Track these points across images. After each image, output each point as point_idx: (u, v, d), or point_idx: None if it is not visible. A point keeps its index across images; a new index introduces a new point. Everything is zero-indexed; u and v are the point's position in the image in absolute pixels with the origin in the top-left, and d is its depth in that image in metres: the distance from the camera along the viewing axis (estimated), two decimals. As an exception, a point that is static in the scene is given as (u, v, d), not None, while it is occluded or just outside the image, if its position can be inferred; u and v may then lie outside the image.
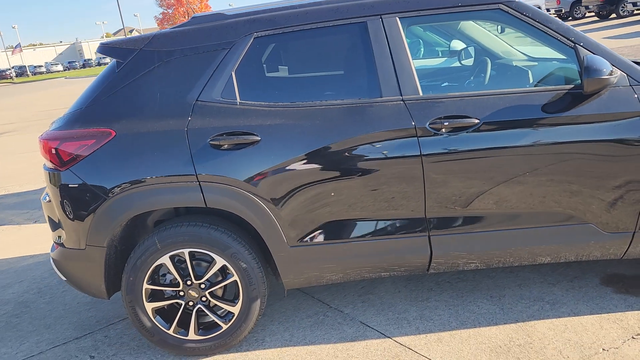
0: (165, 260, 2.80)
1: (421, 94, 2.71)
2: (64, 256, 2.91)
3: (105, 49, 2.96)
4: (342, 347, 2.89)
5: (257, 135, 2.68)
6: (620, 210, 2.74)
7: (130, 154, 2.72)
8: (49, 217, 3.00)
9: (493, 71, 3.15)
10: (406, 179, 2.70)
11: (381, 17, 2.76)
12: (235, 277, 2.83)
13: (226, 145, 2.69)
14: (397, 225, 2.79)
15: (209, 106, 2.74)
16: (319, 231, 2.79)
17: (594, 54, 2.66)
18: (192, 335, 2.91)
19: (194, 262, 2.83)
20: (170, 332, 2.91)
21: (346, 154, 2.69)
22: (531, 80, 2.98)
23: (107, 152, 2.73)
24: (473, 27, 3.45)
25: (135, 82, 2.81)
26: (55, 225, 2.94)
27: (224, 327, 2.89)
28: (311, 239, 2.79)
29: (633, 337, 2.67)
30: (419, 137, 2.66)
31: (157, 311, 2.89)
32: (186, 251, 2.80)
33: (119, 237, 2.84)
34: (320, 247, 2.81)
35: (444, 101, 2.70)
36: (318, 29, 2.79)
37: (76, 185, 2.76)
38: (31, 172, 8.37)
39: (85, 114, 2.82)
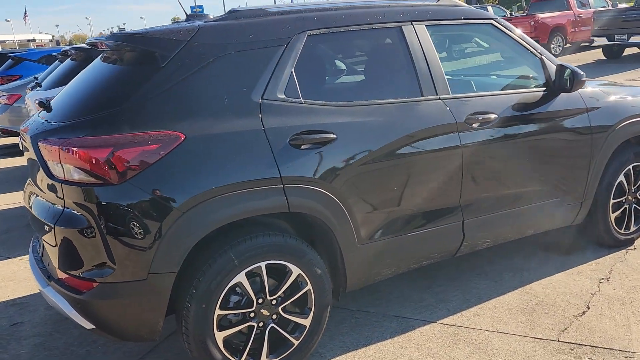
0: (241, 278, 2.47)
1: (451, 93, 3.04)
2: (106, 293, 2.30)
3: (139, 39, 2.49)
4: (401, 339, 2.96)
5: (333, 134, 2.62)
6: (575, 184, 3.50)
7: (205, 159, 2.35)
8: (64, 247, 2.33)
9: (492, 75, 3.66)
10: (450, 170, 2.97)
11: (412, 24, 3.00)
12: (309, 286, 2.66)
13: (306, 145, 2.55)
14: (440, 214, 3.03)
15: (276, 105, 2.56)
16: (382, 227, 2.84)
17: (552, 63, 3.39)
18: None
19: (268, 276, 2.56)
20: (241, 362, 2.55)
21: (406, 149, 2.83)
22: (516, 83, 3.58)
23: (178, 158, 2.30)
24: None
25: (190, 78, 2.44)
26: (88, 256, 2.29)
27: (296, 343, 2.68)
28: (376, 235, 2.82)
29: (600, 281, 3.43)
30: (459, 131, 2.97)
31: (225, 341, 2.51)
32: (263, 264, 2.52)
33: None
34: (382, 242, 2.85)
35: (471, 99, 3.08)
36: (362, 30, 2.88)
37: (139, 201, 2.24)
38: None
39: (133, 115, 2.32)
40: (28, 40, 74.03)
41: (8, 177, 7.79)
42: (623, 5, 21.65)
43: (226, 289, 2.44)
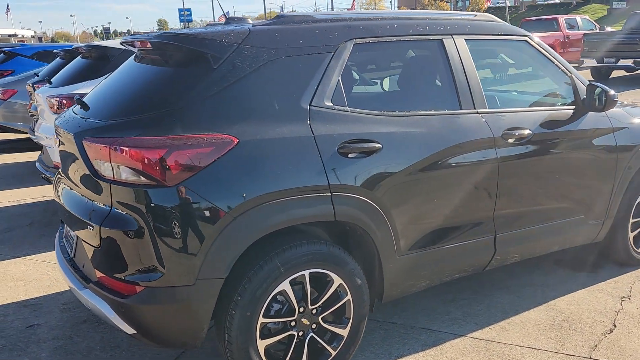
0: (285, 286, 2.44)
1: (487, 107, 3.05)
2: (151, 298, 2.23)
3: (191, 39, 2.45)
4: (434, 352, 2.94)
5: (379, 143, 2.60)
6: (599, 202, 3.54)
7: (257, 164, 2.31)
8: (109, 249, 2.27)
9: (521, 91, 3.68)
10: (486, 184, 2.98)
11: (452, 37, 3.02)
12: (349, 296, 2.63)
13: (353, 154, 2.53)
14: (475, 227, 3.03)
15: (324, 112, 2.54)
16: (421, 239, 2.83)
17: (582, 82, 3.43)
18: (302, 370, 2.57)
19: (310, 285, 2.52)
20: (280, 372, 2.51)
21: (446, 161, 2.83)
22: (545, 101, 3.61)
23: (230, 162, 2.26)
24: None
25: (242, 81, 2.41)
26: (135, 259, 2.23)
27: (333, 353, 2.64)
28: (414, 247, 2.81)
29: (622, 299, 3.46)
30: (496, 146, 2.99)
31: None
32: (307, 273, 2.49)
33: None
34: (419, 254, 2.84)
35: (506, 114, 3.10)
36: (406, 41, 2.89)
37: (191, 204, 2.20)
38: None
39: (186, 116, 2.28)
40: (9, 35, 72.79)
41: (4, 174, 7.61)
42: (609, 29, 22.13)
43: (270, 297, 2.41)
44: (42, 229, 5.12)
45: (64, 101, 4.63)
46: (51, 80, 5.32)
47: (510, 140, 3.04)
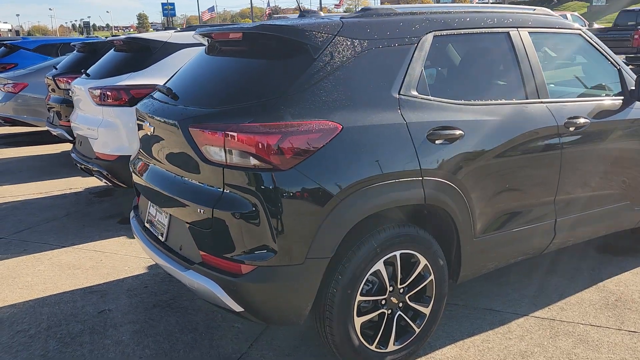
0: (379, 265, 2.56)
1: (549, 97, 3.20)
2: (263, 277, 2.33)
3: (293, 30, 2.54)
4: (502, 330, 3.09)
5: (461, 130, 2.73)
6: (643, 189, 3.72)
7: (359, 149, 2.42)
8: (222, 230, 2.36)
9: (572, 82, 3.83)
10: (551, 170, 3.13)
11: (518, 30, 3.16)
12: (432, 276, 2.76)
13: (440, 140, 2.66)
14: (539, 211, 3.18)
15: (412, 101, 2.66)
16: (494, 222, 2.97)
17: (629, 74, 3.61)
18: (390, 346, 2.69)
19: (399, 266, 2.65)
20: (373, 347, 2.64)
21: (519, 148, 2.97)
22: (594, 92, 3.77)
23: (336, 147, 2.37)
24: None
25: (339, 70, 2.51)
26: (249, 240, 2.33)
27: (417, 331, 2.77)
28: (488, 229, 2.95)
29: (666, 281, 3.66)
30: (560, 134, 3.14)
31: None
32: (398, 253, 2.61)
33: None
34: (492, 237, 2.98)
35: (567, 104, 3.25)
36: (478, 33, 3.02)
37: (303, 187, 2.30)
38: None
39: (294, 104, 2.38)
40: (-15, 28, 71.57)
41: (22, 167, 7.59)
42: (596, 25, 22.55)
43: (367, 276, 2.53)
44: (81, 220, 5.16)
45: (109, 93, 4.67)
46: (88, 72, 5.34)
47: (571, 129, 3.19)
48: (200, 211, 2.42)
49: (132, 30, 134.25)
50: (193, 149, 2.46)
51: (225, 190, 2.37)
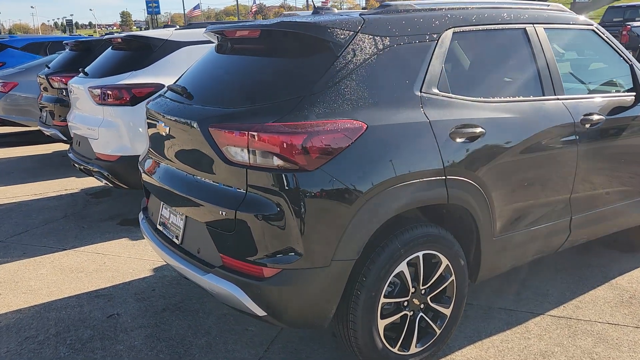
0: (403, 267, 2.51)
1: (565, 94, 3.17)
2: (288, 280, 2.27)
3: (313, 27, 2.48)
4: (520, 330, 3.06)
5: (483, 128, 2.69)
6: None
7: (384, 148, 2.37)
8: (245, 233, 2.29)
9: (589, 77, 3.80)
10: (567, 168, 3.11)
11: (534, 26, 3.13)
12: (453, 277, 2.72)
13: (461, 138, 2.62)
14: (556, 210, 3.15)
15: (433, 98, 2.61)
16: (513, 221, 2.93)
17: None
18: (412, 349, 2.65)
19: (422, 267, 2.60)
20: (395, 350, 2.59)
21: (538, 146, 2.94)
22: (606, 88, 3.75)
23: (362, 146, 2.32)
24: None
25: (361, 68, 2.45)
26: (273, 243, 2.27)
27: (438, 332, 2.73)
28: (507, 229, 2.91)
29: (677, 278, 3.66)
30: (576, 131, 3.11)
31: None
32: (421, 254, 2.57)
33: None
34: (510, 236, 2.95)
35: (582, 101, 3.23)
36: (495, 30, 2.98)
37: (328, 188, 2.24)
38: None
39: (318, 103, 2.31)
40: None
41: (14, 169, 7.43)
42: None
43: (390, 277, 2.48)
44: (80, 221, 5.05)
45: (110, 92, 4.56)
46: (86, 71, 5.22)
47: (587, 126, 3.17)
48: (221, 213, 2.35)
49: (115, 28, 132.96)
50: (213, 149, 2.39)
51: (248, 192, 2.30)
